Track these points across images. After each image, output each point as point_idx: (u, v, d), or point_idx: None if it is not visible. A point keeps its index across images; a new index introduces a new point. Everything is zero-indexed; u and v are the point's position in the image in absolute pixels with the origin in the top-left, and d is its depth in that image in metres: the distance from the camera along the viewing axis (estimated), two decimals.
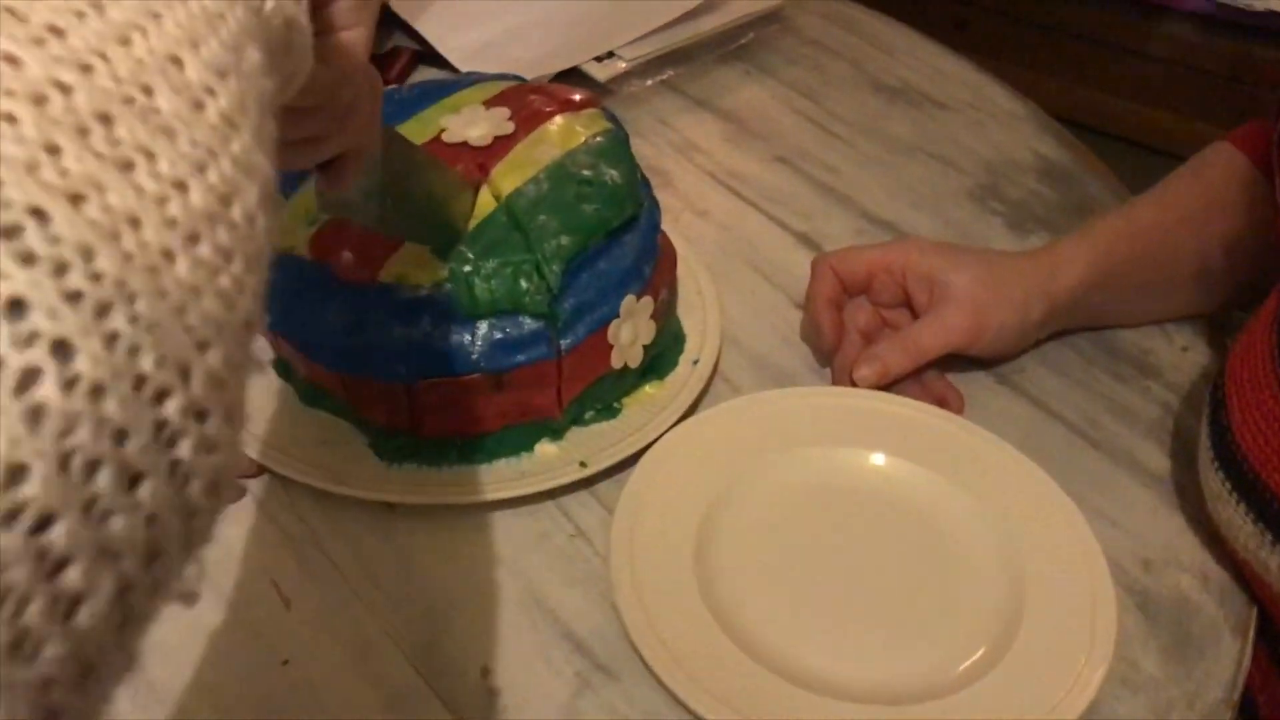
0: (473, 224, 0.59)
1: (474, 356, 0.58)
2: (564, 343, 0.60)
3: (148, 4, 0.24)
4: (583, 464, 0.61)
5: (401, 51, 0.94)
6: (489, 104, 0.65)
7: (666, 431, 0.63)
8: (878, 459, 0.63)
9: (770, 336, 0.73)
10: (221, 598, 0.57)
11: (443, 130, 0.64)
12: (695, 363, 0.68)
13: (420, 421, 0.60)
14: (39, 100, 0.21)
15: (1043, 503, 0.61)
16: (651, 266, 0.64)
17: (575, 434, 0.63)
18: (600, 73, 0.91)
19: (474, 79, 0.69)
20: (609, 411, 0.64)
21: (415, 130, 0.63)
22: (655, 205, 0.67)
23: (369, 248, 0.58)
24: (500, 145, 0.63)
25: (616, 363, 0.62)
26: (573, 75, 0.92)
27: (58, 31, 0.22)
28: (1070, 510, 0.60)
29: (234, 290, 0.23)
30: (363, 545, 0.60)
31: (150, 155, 0.22)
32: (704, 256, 0.77)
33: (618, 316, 0.61)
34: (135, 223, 0.21)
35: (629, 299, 0.61)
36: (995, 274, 0.67)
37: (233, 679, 0.54)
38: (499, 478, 0.61)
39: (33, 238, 0.19)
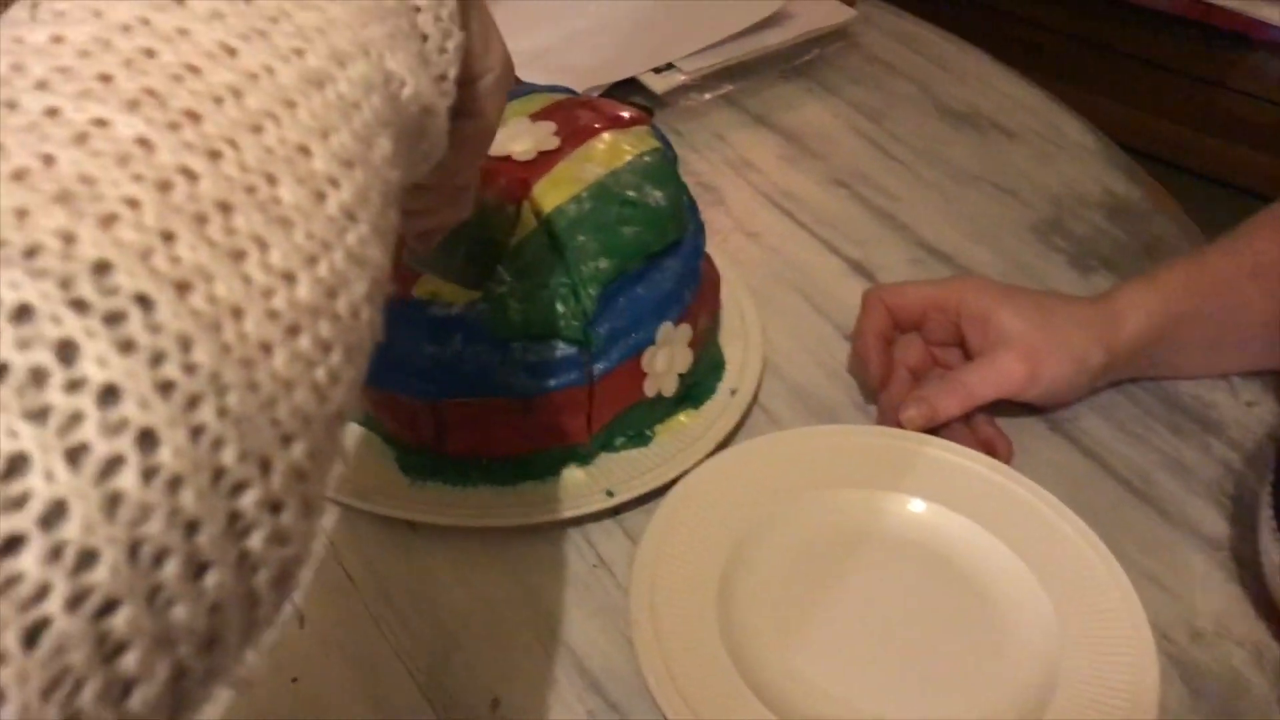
0: (512, 241, 0.58)
1: (504, 379, 0.57)
2: (596, 368, 0.58)
3: (285, 91, 0.25)
4: (609, 493, 0.60)
5: None
6: (535, 117, 0.64)
7: (699, 463, 0.61)
8: (917, 505, 0.60)
9: (815, 368, 0.71)
10: None
11: None
12: (733, 392, 0.65)
13: (445, 440, 0.59)
14: (164, 187, 0.21)
15: (1087, 562, 0.58)
16: (692, 293, 0.62)
17: (604, 460, 0.62)
18: (658, 84, 0.89)
19: (523, 90, 0.67)
20: (640, 439, 0.63)
21: None
22: (700, 229, 0.65)
23: (403, 264, 0.57)
24: (544, 161, 0.62)
25: (650, 391, 0.60)
26: (630, 86, 0.90)
27: (194, 116, 0.23)
28: (1116, 572, 0.57)
29: (328, 383, 0.24)
30: (381, 563, 0.58)
31: (264, 246, 0.23)
32: (750, 280, 0.75)
33: (653, 344, 0.59)
34: (238, 314, 0.21)
35: (666, 326, 0.59)
36: (1054, 319, 0.64)
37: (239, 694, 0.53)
38: (523, 502, 0.59)
39: (135, 325, 0.19)
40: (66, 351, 0.19)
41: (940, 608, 0.57)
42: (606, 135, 0.64)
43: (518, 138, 0.62)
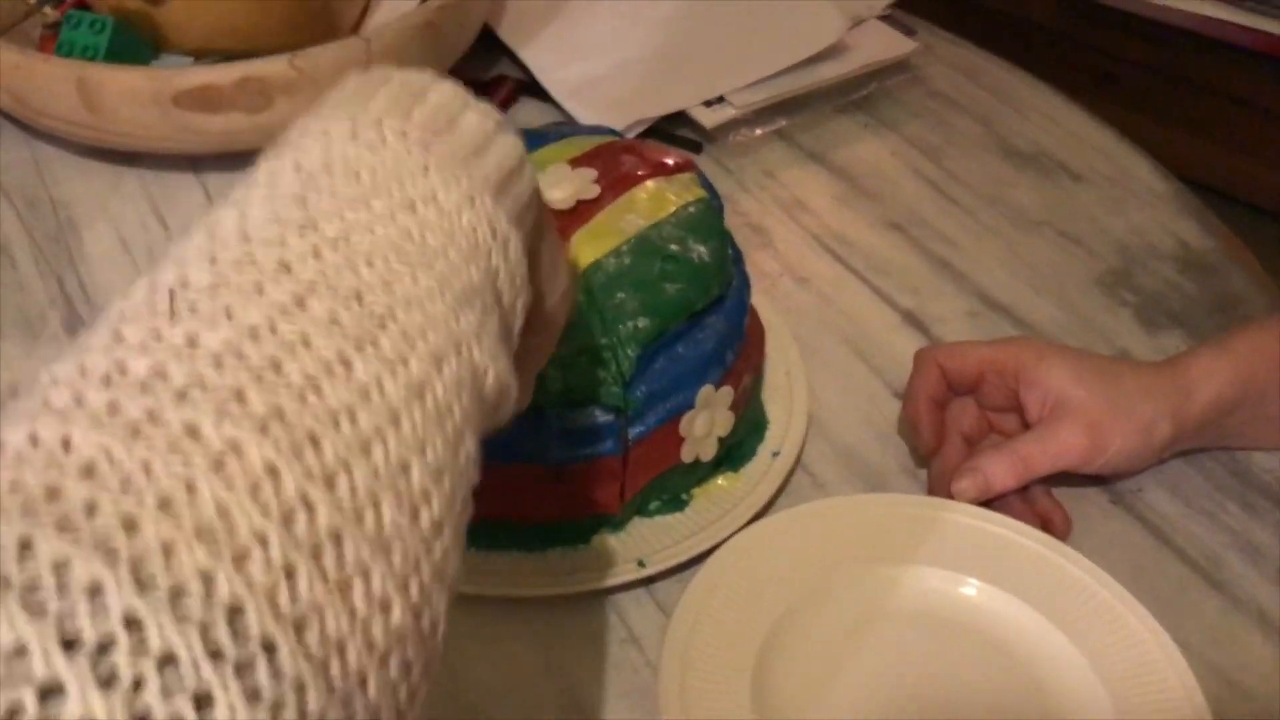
0: None
1: (535, 447, 0.54)
2: (632, 433, 0.55)
3: (393, 407, 0.26)
4: (641, 563, 0.57)
5: (505, 80, 0.90)
6: (575, 163, 0.61)
7: (736, 532, 0.58)
8: (967, 584, 0.57)
9: (863, 428, 0.67)
10: None
11: None
12: (775, 454, 0.62)
13: (474, 502, 0.56)
14: (288, 520, 0.23)
15: (1148, 652, 0.54)
16: (735, 352, 0.59)
17: (637, 525, 0.59)
18: (708, 118, 0.86)
19: (565, 133, 0.64)
20: (676, 504, 0.60)
21: None
22: (745, 283, 0.62)
23: None
24: (584, 210, 0.59)
25: (687, 457, 0.57)
26: (679, 119, 0.87)
27: (315, 441, 0.24)
28: (1179, 664, 0.53)
29: (407, 703, 0.25)
30: None
31: (367, 575, 0.24)
32: (798, 329, 0.72)
33: (692, 408, 0.56)
34: (342, 649, 0.22)
35: (707, 389, 0.56)
36: (1119, 390, 0.60)
37: None
38: (551, 570, 0.57)
39: (261, 674, 0.20)
40: (202, 702, 0.20)
41: (989, 696, 0.54)
42: (650, 183, 0.61)
43: (557, 185, 0.59)
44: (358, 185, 0.31)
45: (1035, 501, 0.61)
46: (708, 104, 0.87)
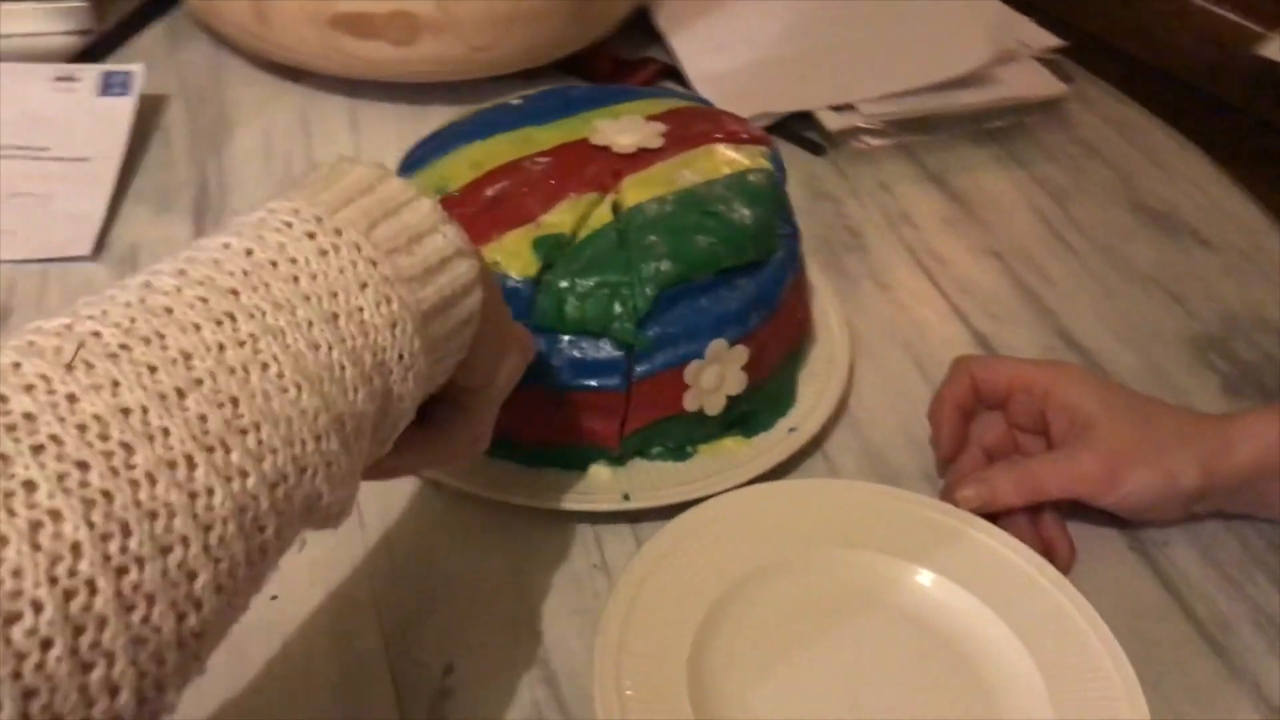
0: (583, 234, 0.58)
1: (542, 369, 0.57)
2: (637, 370, 0.57)
3: (210, 515, 0.30)
4: (626, 496, 0.59)
5: (650, 63, 0.94)
6: (652, 118, 0.64)
7: (730, 490, 0.59)
8: (939, 585, 0.56)
9: (896, 431, 0.67)
10: None
11: (593, 132, 0.63)
12: (791, 430, 0.63)
13: None
14: (69, 597, 0.27)
15: (1110, 685, 0.52)
16: (761, 318, 0.60)
17: (636, 466, 0.61)
18: (833, 122, 0.87)
19: (655, 93, 0.67)
20: (679, 453, 0.61)
21: (566, 129, 0.63)
22: (792, 260, 0.63)
23: (479, 228, 0.58)
24: (643, 158, 0.62)
25: (690, 405, 0.59)
26: (808, 121, 0.88)
27: (126, 532, 0.28)
28: (1138, 703, 0.52)
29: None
30: (394, 513, 0.60)
31: (110, 662, 0.28)
32: (864, 330, 0.72)
33: (701, 358, 0.58)
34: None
35: (719, 343, 0.58)
36: (1149, 427, 0.59)
37: None
38: (539, 485, 0.59)
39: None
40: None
41: (929, 688, 0.53)
42: (716, 147, 0.63)
43: (624, 132, 0.62)
44: (294, 288, 0.34)
45: (1043, 527, 0.60)
46: (835, 109, 0.88)
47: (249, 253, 0.34)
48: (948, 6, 0.95)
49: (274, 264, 0.34)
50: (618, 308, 0.56)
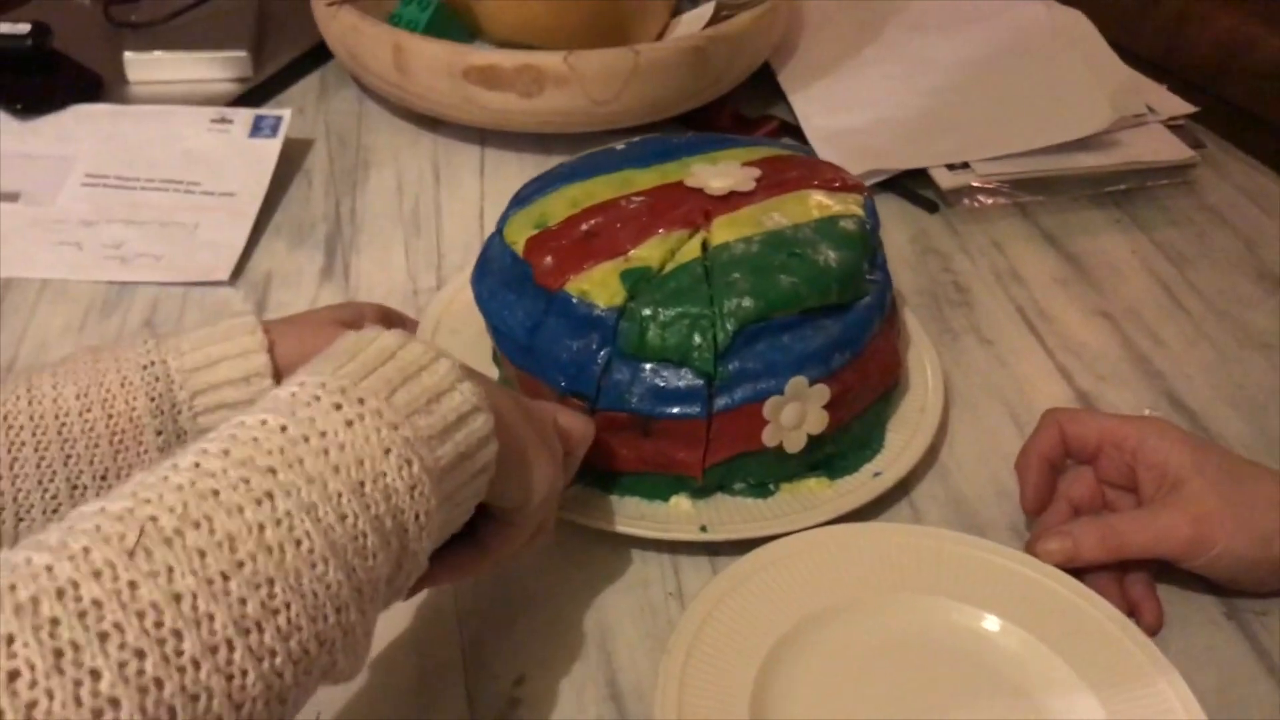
0: (670, 267, 0.60)
1: (627, 395, 0.59)
2: (718, 402, 0.59)
3: (241, 695, 0.33)
4: (704, 528, 0.60)
5: (770, 120, 0.96)
6: (748, 164, 0.66)
7: (805, 529, 0.60)
8: (1016, 637, 0.56)
9: (986, 484, 0.67)
10: None
11: (689, 175, 0.65)
12: (877, 475, 0.64)
13: None
14: None
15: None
16: (844, 360, 0.61)
17: (717, 501, 0.62)
18: (947, 180, 0.88)
19: (756, 142, 0.69)
20: (761, 490, 0.62)
21: (664, 173, 0.66)
22: (882, 308, 0.64)
23: (572, 259, 0.61)
24: (735, 200, 0.64)
25: (769, 440, 0.60)
26: (919, 176, 0.89)
27: (173, 714, 0.31)
28: None
29: None
30: None
31: None
32: (962, 383, 0.73)
33: (780, 394, 0.59)
34: None
35: (799, 380, 0.59)
36: (1243, 491, 0.57)
37: None
38: (621, 512, 0.61)
39: None
40: None
41: None
42: (809, 192, 0.65)
43: (719, 176, 0.65)
44: (325, 461, 0.37)
45: (1129, 588, 0.59)
46: (950, 167, 0.89)
47: (283, 429, 0.37)
48: (1073, 70, 0.95)
49: (306, 439, 0.37)
50: (697, 338, 0.58)
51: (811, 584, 0.57)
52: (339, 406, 0.39)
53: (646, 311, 0.58)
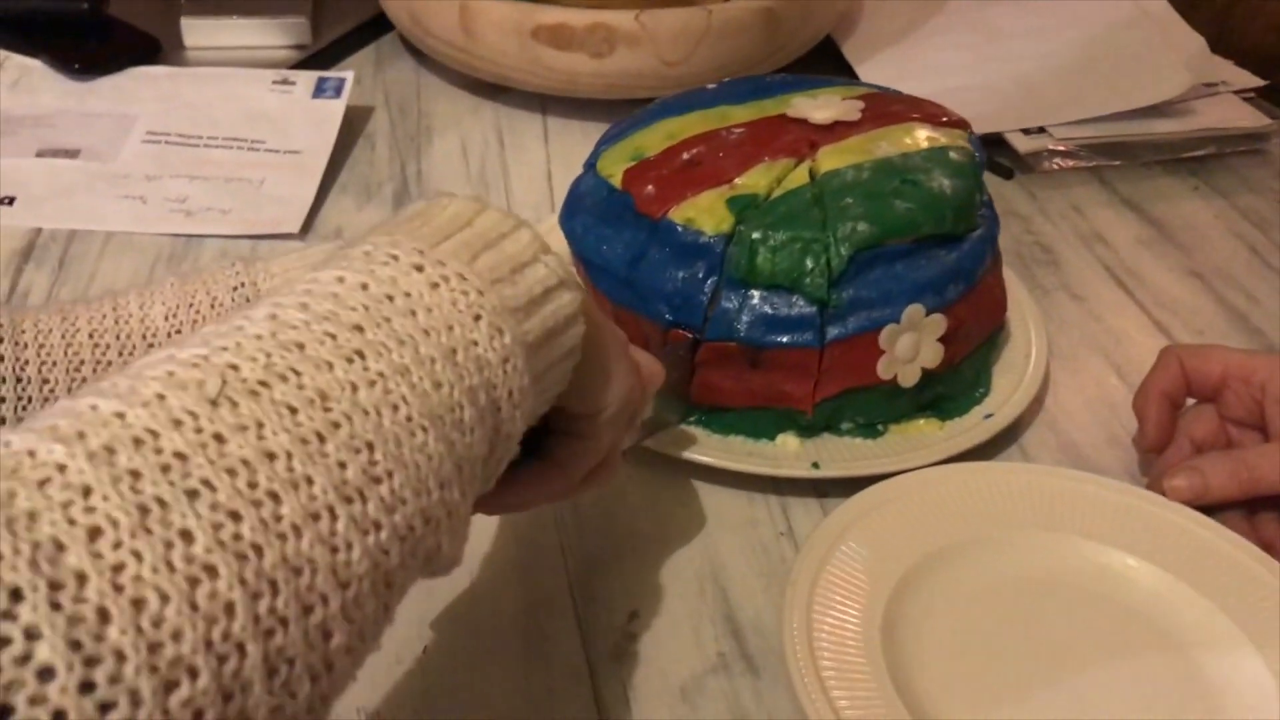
0: (778, 193, 0.58)
1: (736, 324, 0.57)
2: (830, 332, 0.56)
3: (346, 572, 0.28)
4: (815, 465, 0.57)
5: None
6: (848, 98, 0.64)
7: (920, 468, 0.57)
8: (1150, 573, 0.53)
9: (1097, 430, 0.64)
10: None
11: (790, 108, 0.63)
12: (988, 416, 0.61)
13: (669, 375, 0.59)
14: (212, 621, 0.25)
15: None
16: (959, 291, 0.59)
17: (826, 440, 0.60)
18: (1024, 144, 0.86)
19: (853, 82, 0.68)
20: (870, 430, 0.60)
21: (762, 108, 0.64)
22: (992, 241, 0.62)
23: (674, 187, 0.59)
24: (840, 130, 0.62)
25: (885, 373, 0.57)
26: (994, 145, 0.87)
27: (274, 589, 0.26)
28: None
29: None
30: None
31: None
32: (1058, 337, 0.70)
33: (897, 322, 0.57)
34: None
35: (915, 309, 0.57)
36: None
37: None
38: (727, 449, 0.58)
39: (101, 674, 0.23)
40: (44, 675, 0.22)
41: (1146, 681, 0.50)
42: (915, 125, 0.63)
43: (821, 108, 0.63)
44: (414, 322, 0.32)
45: (1261, 527, 0.56)
46: (1026, 131, 0.87)
47: (364, 287, 0.32)
48: (1147, 37, 0.93)
49: (390, 298, 0.32)
50: (809, 263, 0.56)
51: (933, 520, 0.55)
52: (420, 268, 0.34)
53: (756, 235, 0.56)
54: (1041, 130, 0.87)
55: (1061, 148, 0.86)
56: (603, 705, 0.49)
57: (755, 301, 0.57)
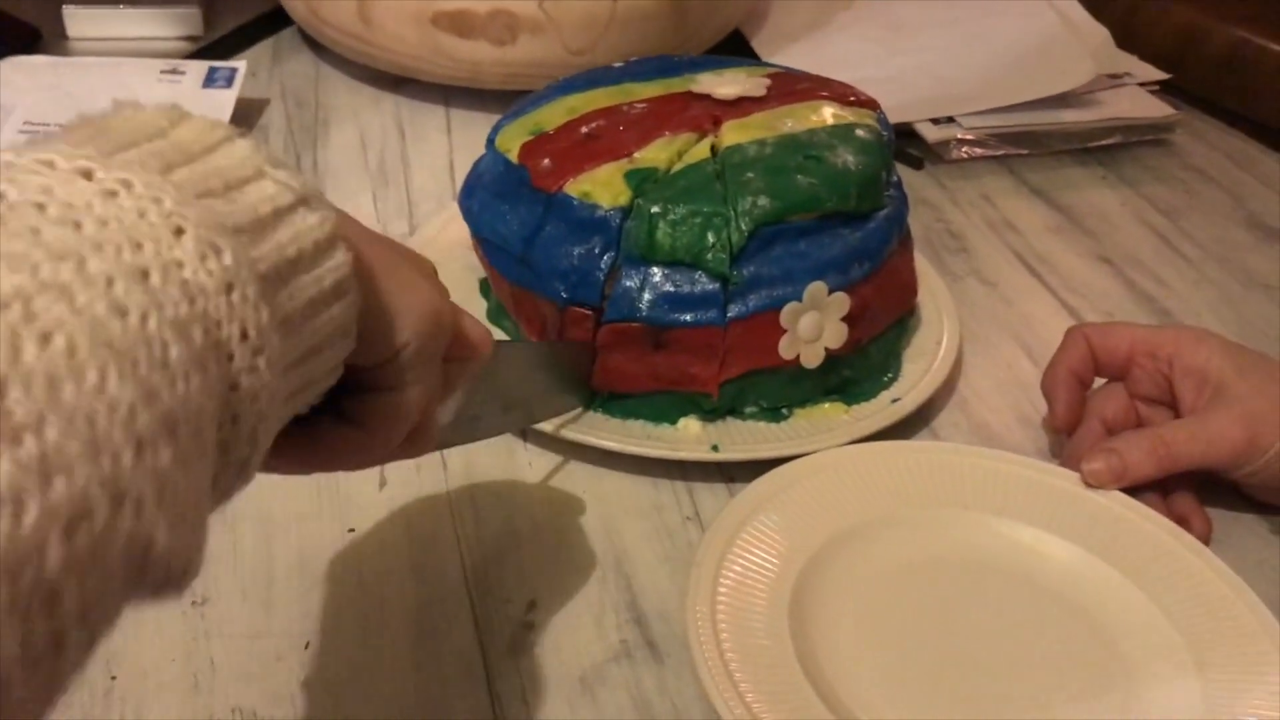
0: (678, 167, 0.56)
1: (638, 303, 0.55)
2: (732, 310, 0.55)
3: None
4: (715, 447, 0.55)
5: None
6: (757, 76, 0.63)
7: (823, 449, 0.55)
8: (1061, 548, 0.52)
9: (1008, 412, 0.63)
10: None
11: (695, 84, 0.61)
12: (895, 401, 0.60)
13: (575, 366, 0.57)
14: None
15: (1270, 663, 0.47)
16: (864, 271, 0.57)
17: (729, 424, 0.58)
18: (932, 133, 0.85)
19: (762, 63, 0.66)
20: (774, 414, 0.58)
21: (667, 85, 0.62)
22: (899, 223, 0.61)
23: (571, 160, 0.57)
24: (745, 106, 0.60)
25: (787, 353, 0.55)
26: (904, 132, 0.87)
27: None
28: (1256, 607, 0.48)
29: None
30: (480, 457, 0.57)
31: None
32: (970, 322, 0.69)
33: (799, 300, 0.55)
34: None
35: (818, 286, 0.55)
36: None
37: (299, 532, 0.53)
38: (629, 433, 0.56)
39: None
40: None
41: (1057, 655, 0.48)
42: (822, 103, 0.61)
43: (727, 84, 0.61)
44: (76, 235, 0.23)
45: (1175, 503, 0.55)
46: (935, 122, 0.86)
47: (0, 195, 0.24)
48: (1052, 30, 0.94)
49: (40, 206, 0.24)
50: (711, 238, 0.54)
51: (844, 500, 0.53)
52: (88, 175, 0.25)
53: (655, 209, 0.54)
54: (950, 120, 0.87)
55: (970, 137, 0.86)
56: (498, 699, 0.46)
57: (656, 279, 0.55)
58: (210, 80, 0.83)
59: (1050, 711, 0.46)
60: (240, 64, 0.85)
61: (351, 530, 0.53)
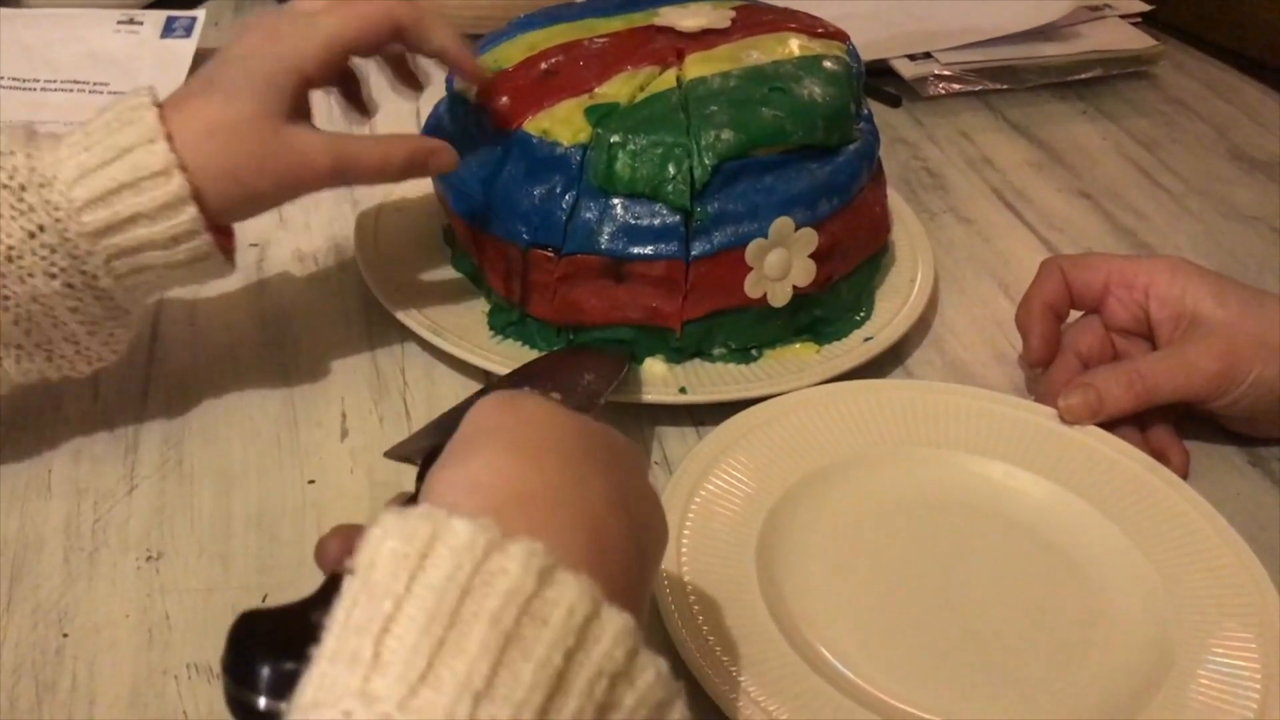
0: (640, 97, 0.55)
1: (598, 235, 0.53)
2: (696, 247, 0.53)
3: None
4: (683, 390, 0.54)
5: None
6: (719, 6, 0.61)
7: (793, 390, 0.54)
8: (1031, 482, 0.51)
9: (983, 349, 0.62)
10: (291, 408, 0.55)
11: (657, 18, 0.60)
12: (867, 340, 0.58)
13: (529, 297, 0.55)
14: None
15: (1244, 594, 0.46)
16: (832, 207, 0.56)
17: (696, 366, 0.56)
18: (909, 70, 0.84)
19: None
20: (743, 355, 0.57)
21: (630, 20, 0.60)
22: (869, 157, 0.59)
23: (530, 98, 0.55)
24: (709, 38, 0.58)
25: (753, 291, 0.54)
26: (880, 74, 0.85)
27: None
28: (1235, 542, 0.48)
29: None
30: (439, 399, 0.56)
31: None
32: (945, 259, 0.68)
33: (765, 237, 0.54)
34: None
35: (784, 222, 0.54)
36: (1265, 318, 0.53)
37: (258, 485, 0.52)
38: None
39: None
40: None
41: (1029, 590, 0.47)
42: (789, 34, 0.60)
43: (690, 15, 0.59)
44: None
45: (1152, 437, 0.55)
46: (911, 58, 0.85)
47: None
48: None
49: None
50: (672, 169, 0.52)
51: (814, 440, 0.52)
52: None
53: (615, 139, 0.53)
54: (927, 56, 0.85)
55: (947, 73, 0.84)
56: None
57: (616, 210, 0.53)
58: (169, 30, 0.81)
59: (1022, 645, 0.45)
60: (200, 13, 0.83)
61: (312, 482, 0.52)
